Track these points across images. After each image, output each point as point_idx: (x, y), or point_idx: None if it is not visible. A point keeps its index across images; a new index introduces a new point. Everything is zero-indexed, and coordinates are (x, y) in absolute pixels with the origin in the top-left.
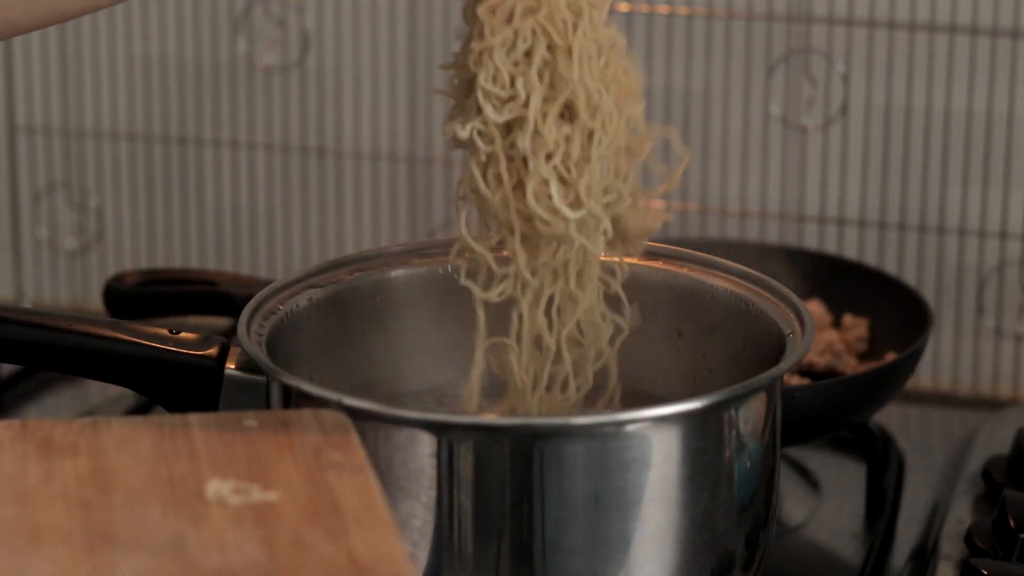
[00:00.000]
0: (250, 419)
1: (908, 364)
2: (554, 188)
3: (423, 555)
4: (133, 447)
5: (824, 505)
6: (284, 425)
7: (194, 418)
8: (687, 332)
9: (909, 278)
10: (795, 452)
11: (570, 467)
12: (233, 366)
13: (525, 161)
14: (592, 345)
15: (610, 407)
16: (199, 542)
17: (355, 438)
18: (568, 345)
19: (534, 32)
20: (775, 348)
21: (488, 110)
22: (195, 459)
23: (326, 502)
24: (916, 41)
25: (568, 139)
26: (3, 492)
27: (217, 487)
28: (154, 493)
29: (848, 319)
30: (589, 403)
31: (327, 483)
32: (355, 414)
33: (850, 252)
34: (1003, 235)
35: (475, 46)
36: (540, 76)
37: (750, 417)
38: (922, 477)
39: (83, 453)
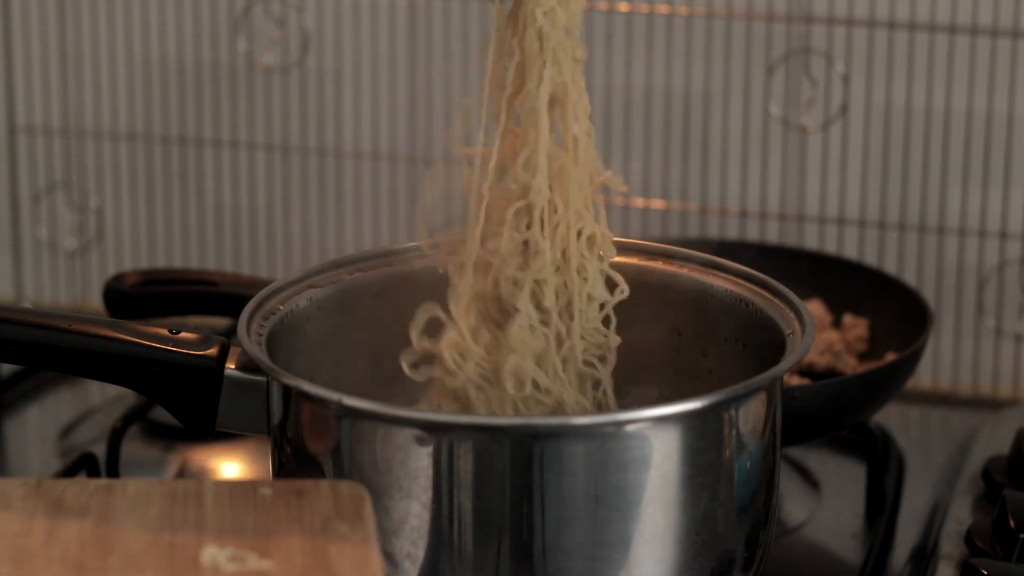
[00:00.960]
0: (265, 488)
1: (908, 364)
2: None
3: (422, 555)
4: (143, 511)
5: (824, 505)
6: (298, 495)
7: (209, 484)
8: (687, 332)
9: (909, 278)
10: (795, 452)
11: (570, 467)
12: (233, 366)
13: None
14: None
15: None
16: None
17: (368, 510)
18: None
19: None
20: (775, 348)
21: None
22: (201, 526)
23: (322, 574)
24: (916, 41)
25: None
26: (3, 551)
27: (213, 554)
28: (151, 558)
29: (848, 319)
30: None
31: (327, 555)
32: (355, 414)
33: (850, 252)
34: (1003, 235)
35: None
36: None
37: (750, 417)
38: (922, 477)
39: (91, 515)
